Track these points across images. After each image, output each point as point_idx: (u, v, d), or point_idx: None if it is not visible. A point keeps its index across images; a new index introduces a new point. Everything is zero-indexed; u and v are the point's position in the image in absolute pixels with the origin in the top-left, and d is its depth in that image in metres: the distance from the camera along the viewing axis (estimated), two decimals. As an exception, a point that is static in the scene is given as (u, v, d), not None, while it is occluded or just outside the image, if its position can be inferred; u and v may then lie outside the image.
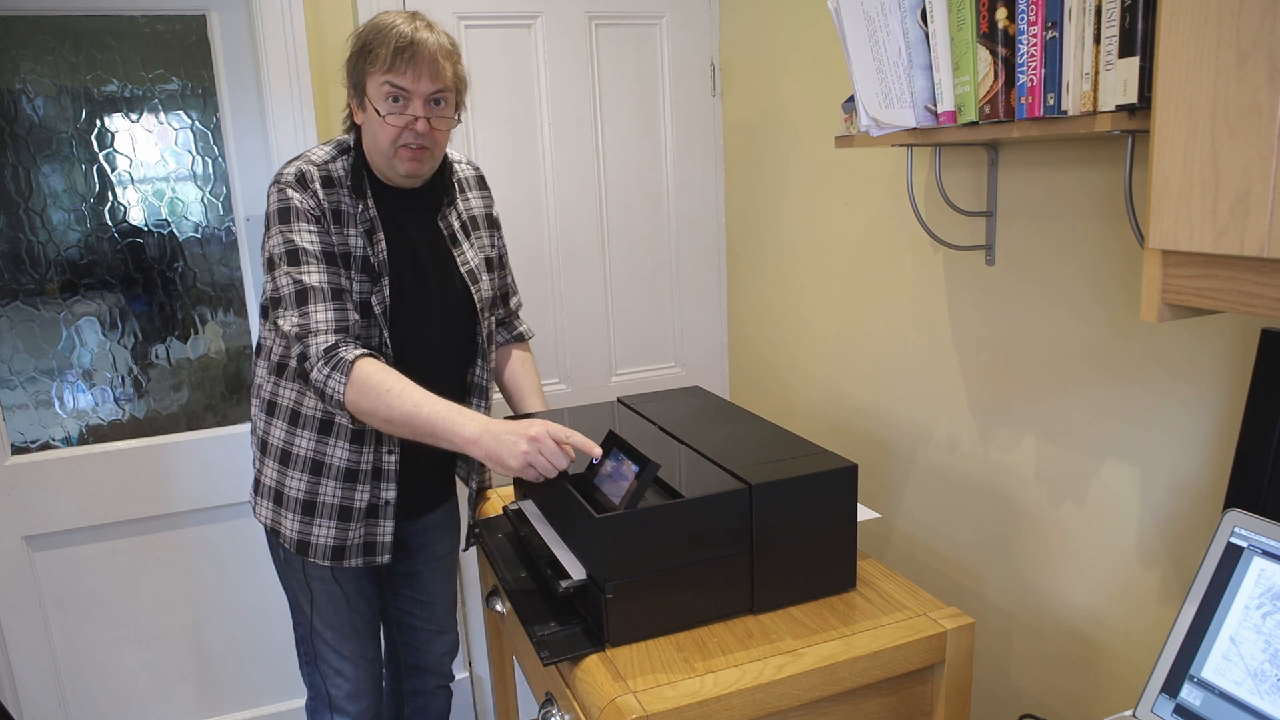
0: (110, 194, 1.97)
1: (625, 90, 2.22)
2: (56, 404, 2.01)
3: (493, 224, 1.68)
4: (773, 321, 2.21)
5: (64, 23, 1.88)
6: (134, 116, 1.96)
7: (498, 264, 1.70)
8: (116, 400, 2.05)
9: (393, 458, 1.53)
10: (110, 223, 1.98)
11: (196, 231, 2.05)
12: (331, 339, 1.37)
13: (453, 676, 1.86)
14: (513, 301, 1.77)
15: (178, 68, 1.97)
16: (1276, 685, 0.89)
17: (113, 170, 1.97)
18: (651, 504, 1.17)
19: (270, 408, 1.53)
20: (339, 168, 1.47)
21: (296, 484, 1.52)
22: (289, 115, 1.97)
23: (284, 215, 1.42)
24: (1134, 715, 0.99)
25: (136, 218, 2.00)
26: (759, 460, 1.30)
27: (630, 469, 1.17)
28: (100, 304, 2.00)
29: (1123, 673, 1.34)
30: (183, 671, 2.16)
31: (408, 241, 1.51)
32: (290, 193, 1.42)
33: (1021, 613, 1.52)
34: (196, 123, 2.01)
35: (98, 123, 1.94)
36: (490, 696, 2.32)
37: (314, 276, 1.40)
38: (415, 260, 1.52)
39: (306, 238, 1.41)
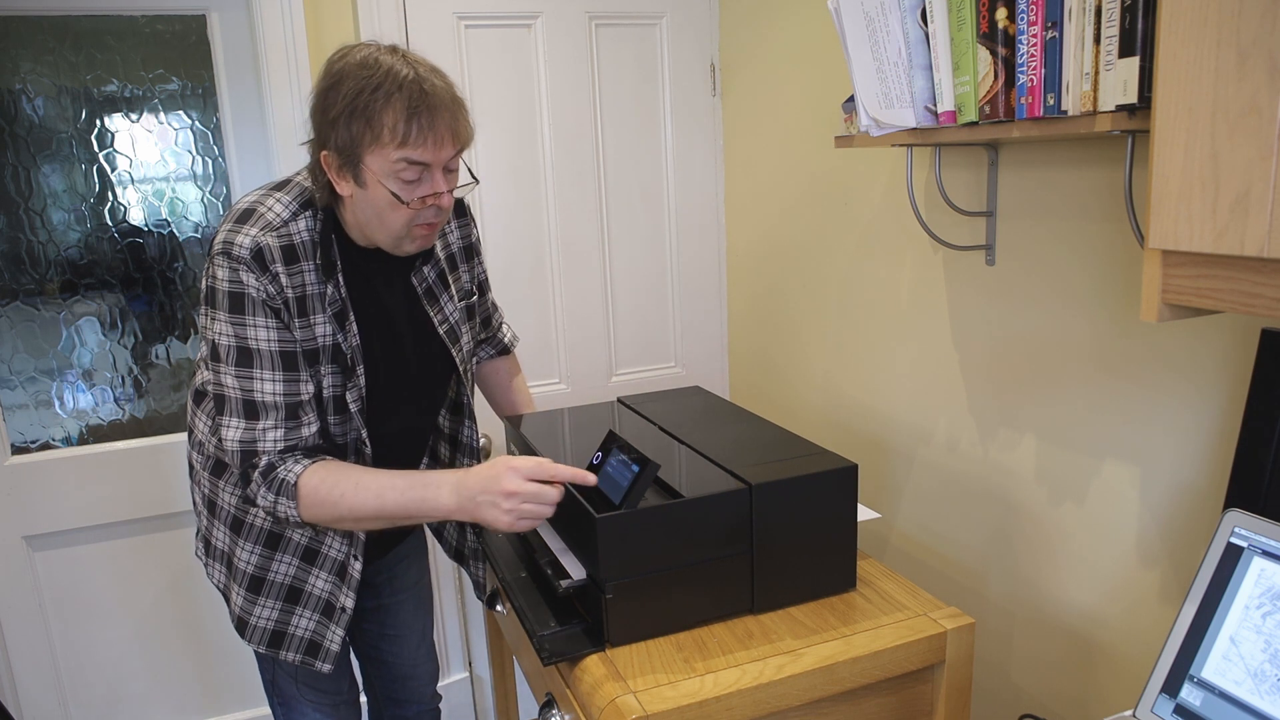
0: (110, 194, 1.97)
1: (625, 90, 2.22)
2: (56, 404, 2.01)
3: (472, 254, 1.49)
4: (773, 321, 2.21)
5: (64, 23, 1.88)
6: (134, 116, 1.96)
7: (478, 297, 1.52)
8: (116, 400, 2.05)
9: (358, 564, 1.36)
10: (110, 223, 1.98)
11: (196, 231, 2.05)
12: (274, 459, 1.20)
13: (439, 698, 1.77)
14: (494, 320, 1.64)
15: (178, 68, 1.97)
16: (1276, 685, 0.89)
17: (113, 170, 1.97)
18: (651, 504, 1.17)
19: (219, 468, 1.35)
20: (301, 231, 1.21)
21: (247, 555, 1.35)
22: (289, 115, 1.96)
23: (235, 303, 1.18)
24: (1134, 715, 0.99)
25: (136, 218, 2.00)
26: (759, 460, 1.30)
27: (630, 469, 1.17)
28: (100, 304, 2.00)
29: (1123, 673, 1.34)
30: (183, 671, 2.16)
31: (383, 314, 1.32)
32: (245, 276, 1.17)
33: (1021, 613, 1.52)
34: (196, 123, 2.01)
35: (98, 123, 1.94)
36: (490, 696, 2.32)
37: (267, 387, 1.20)
38: (390, 334, 1.33)
39: (262, 335, 1.19)
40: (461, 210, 1.47)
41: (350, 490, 1.19)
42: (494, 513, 1.15)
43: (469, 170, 1.27)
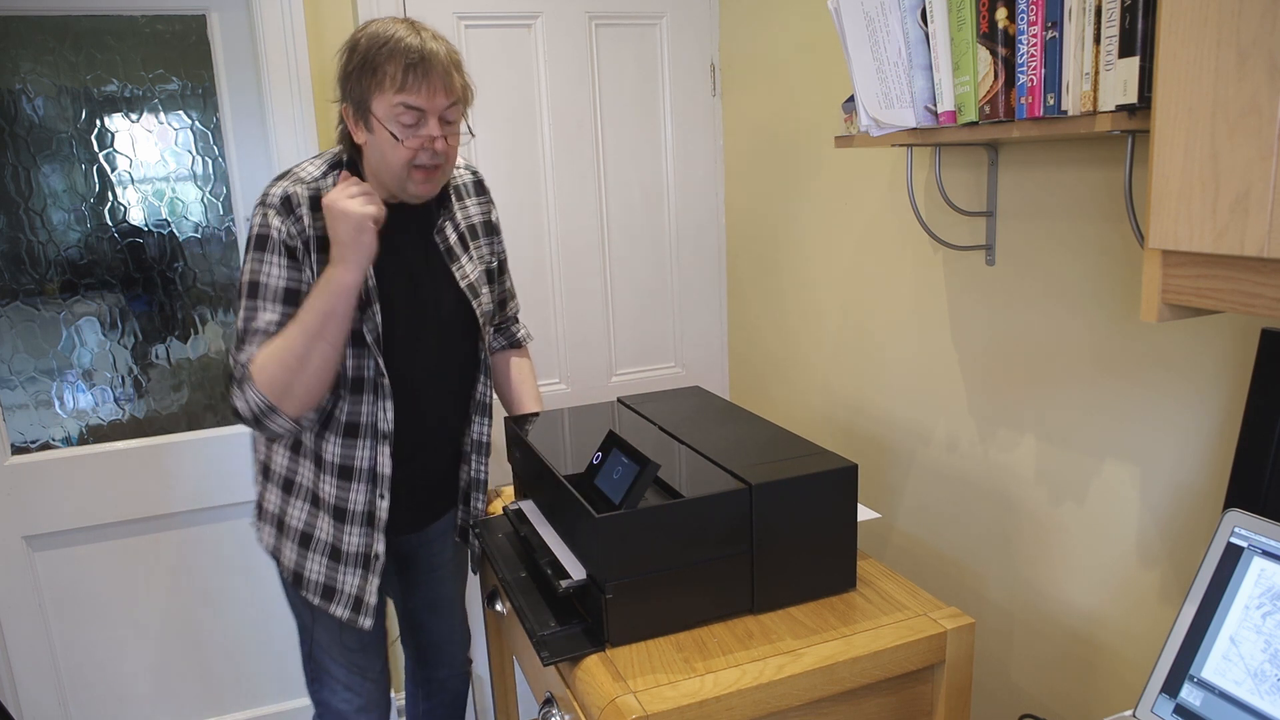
0: (110, 194, 1.97)
1: (625, 90, 2.22)
2: (56, 404, 2.01)
3: (492, 230, 1.62)
4: (773, 321, 2.21)
5: (64, 23, 1.88)
6: (134, 116, 1.96)
7: (497, 271, 1.65)
8: (116, 400, 2.05)
9: (384, 502, 1.47)
10: (110, 223, 1.98)
11: (196, 231, 2.05)
12: (243, 370, 1.32)
13: (470, 662, 1.89)
14: (510, 307, 1.73)
15: (178, 68, 1.98)
16: (1276, 685, 0.89)
17: (113, 170, 1.97)
18: (651, 504, 1.17)
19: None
20: (328, 185, 1.39)
21: (298, 514, 1.48)
22: (289, 115, 1.97)
23: (260, 243, 1.36)
24: (1134, 715, 0.99)
25: (136, 218, 2.00)
26: (759, 460, 1.30)
27: (630, 469, 1.17)
28: (100, 304, 2.00)
29: (1123, 673, 1.34)
30: (183, 671, 2.16)
31: (402, 262, 1.45)
32: (271, 219, 1.35)
33: (1021, 613, 1.52)
34: (196, 123, 2.01)
35: (98, 123, 1.94)
36: (490, 696, 2.32)
37: (266, 317, 1.34)
38: (410, 281, 1.46)
39: (274, 272, 1.35)
40: (483, 190, 1.61)
41: (281, 338, 1.31)
42: (345, 224, 1.29)
43: (469, 128, 1.42)
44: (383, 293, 1.42)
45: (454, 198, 1.54)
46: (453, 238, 1.51)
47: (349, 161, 1.42)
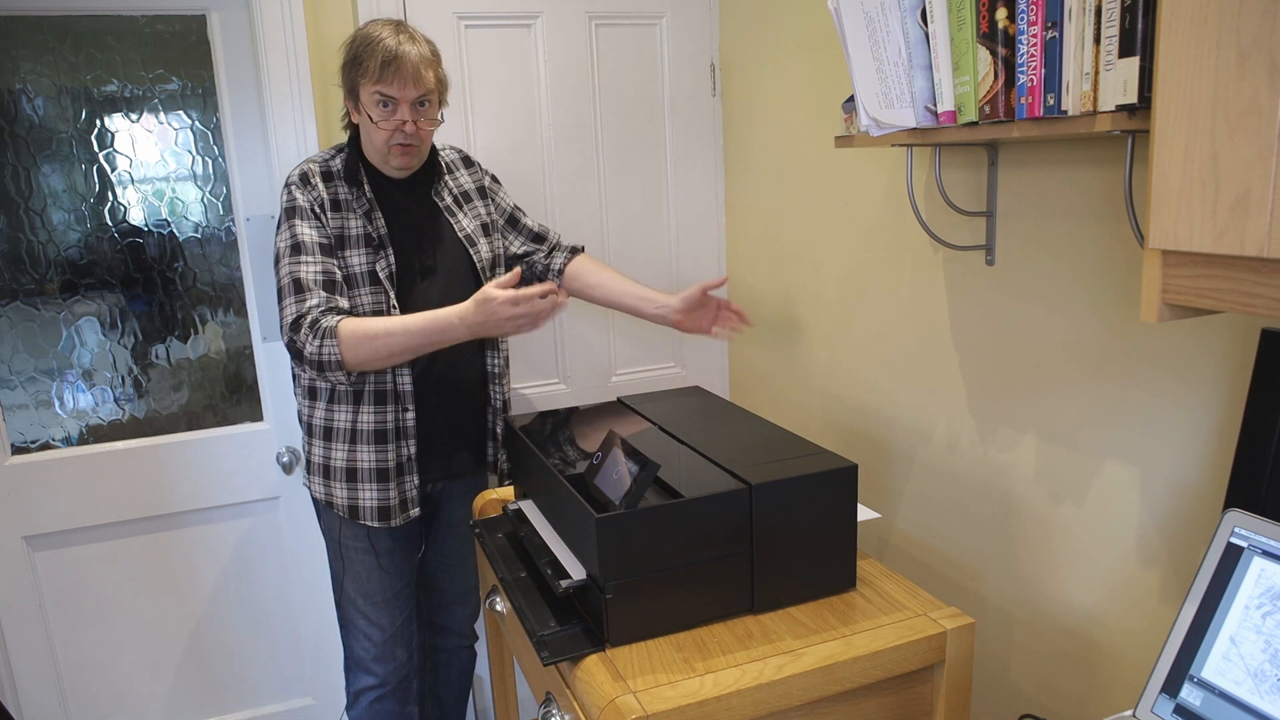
0: (110, 194, 1.97)
1: (625, 90, 2.22)
2: (56, 404, 2.01)
3: (485, 194, 1.85)
4: (773, 321, 2.21)
5: (64, 23, 1.88)
6: (134, 116, 1.96)
7: (511, 218, 1.88)
8: (116, 400, 2.05)
9: (409, 414, 1.68)
10: (110, 223, 1.98)
11: (196, 231, 2.05)
12: (317, 315, 1.54)
13: (476, 637, 2.01)
14: (550, 238, 1.94)
15: (178, 68, 1.97)
16: (1276, 685, 0.89)
17: (113, 170, 1.97)
18: (651, 504, 1.17)
19: (311, 392, 1.71)
20: (336, 163, 1.67)
21: (341, 455, 1.69)
22: (289, 115, 1.97)
23: (290, 213, 1.63)
24: (1134, 715, 0.99)
25: (136, 218, 2.00)
26: (759, 460, 1.30)
27: (630, 469, 1.17)
28: (100, 304, 2.00)
29: (1123, 673, 1.34)
30: (183, 671, 2.16)
31: (406, 217, 1.70)
32: (295, 192, 1.64)
33: (1021, 612, 1.52)
34: (196, 123, 2.01)
35: (98, 123, 1.94)
36: (490, 696, 2.32)
37: (310, 269, 1.58)
38: (415, 232, 1.71)
39: (306, 231, 1.61)
40: (470, 163, 1.86)
41: (383, 329, 1.52)
42: (505, 327, 1.49)
43: (441, 115, 1.69)
44: (397, 242, 1.67)
45: (446, 172, 1.80)
46: (449, 199, 1.77)
47: (351, 139, 1.69)
